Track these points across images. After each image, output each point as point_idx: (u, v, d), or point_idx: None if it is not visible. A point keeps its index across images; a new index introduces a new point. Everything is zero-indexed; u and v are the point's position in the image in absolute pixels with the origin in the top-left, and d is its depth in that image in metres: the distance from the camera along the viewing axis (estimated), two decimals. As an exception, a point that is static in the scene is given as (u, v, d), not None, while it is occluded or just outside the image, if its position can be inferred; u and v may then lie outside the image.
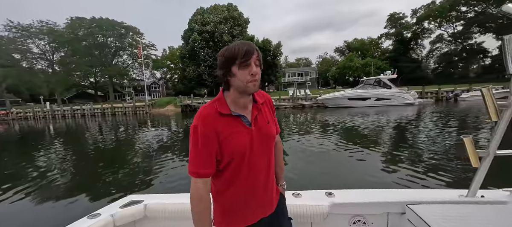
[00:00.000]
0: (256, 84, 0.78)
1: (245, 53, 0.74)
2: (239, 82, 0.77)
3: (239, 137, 0.80)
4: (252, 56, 0.75)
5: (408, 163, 4.40)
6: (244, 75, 0.75)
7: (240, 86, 0.77)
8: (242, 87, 0.77)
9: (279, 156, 1.05)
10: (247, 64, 0.74)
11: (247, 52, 0.74)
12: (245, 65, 0.75)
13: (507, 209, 1.11)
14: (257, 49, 0.77)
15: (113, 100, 41.76)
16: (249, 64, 0.75)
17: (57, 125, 18.68)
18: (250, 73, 0.75)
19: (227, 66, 0.77)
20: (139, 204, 1.39)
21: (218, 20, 37.61)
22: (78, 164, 5.89)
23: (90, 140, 9.90)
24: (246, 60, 0.74)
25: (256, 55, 0.76)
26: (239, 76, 0.76)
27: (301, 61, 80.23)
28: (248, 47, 0.75)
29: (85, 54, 40.81)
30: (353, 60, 47.66)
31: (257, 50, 0.77)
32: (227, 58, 0.76)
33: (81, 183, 4.45)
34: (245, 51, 0.74)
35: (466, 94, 21.12)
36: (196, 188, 0.78)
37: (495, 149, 1.09)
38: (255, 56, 0.76)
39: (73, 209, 3.26)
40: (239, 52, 0.74)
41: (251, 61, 0.75)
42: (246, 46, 0.75)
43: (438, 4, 41.90)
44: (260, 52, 0.79)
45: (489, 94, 1.02)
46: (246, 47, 0.74)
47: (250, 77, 0.75)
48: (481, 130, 7.59)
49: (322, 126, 10.20)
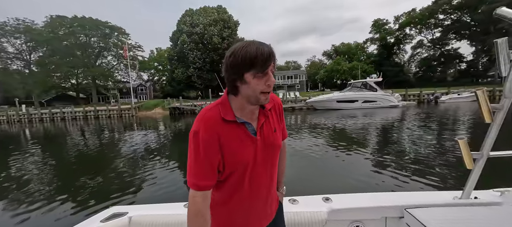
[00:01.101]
0: (269, 96, 0.67)
1: (266, 59, 0.61)
2: (251, 92, 0.65)
3: (243, 147, 0.71)
4: (272, 63, 0.62)
5: (399, 165, 4.51)
6: (259, 85, 0.63)
7: (251, 96, 0.66)
8: (253, 97, 0.66)
9: (282, 160, 0.96)
10: (265, 72, 0.62)
11: (268, 58, 0.61)
12: (263, 73, 0.62)
13: (501, 210, 1.13)
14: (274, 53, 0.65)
15: (97, 102, 39.93)
16: (267, 72, 0.63)
17: (34, 130, 17.48)
18: (267, 83, 0.63)
19: (239, 71, 0.64)
20: (123, 216, 1.27)
21: (207, 22, 37.34)
22: (55, 172, 5.49)
23: (69, 146, 9.33)
24: (266, 69, 0.61)
25: (274, 62, 0.64)
26: (252, 85, 0.64)
27: (291, 64, 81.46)
28: (268, 53, 0.61)
29: (66, 54, 38.74)
30: (341, 63, 49.15)
31: (274, 55, 0.65)
32: (242, 60, 0.61)
33: (57, 194, 4.07)
34: (266, 56, 0.61)
35: (446, 96, 22.42)
36: (195, 203, 0.68)
37: (489, 151, 1.10)
38: (273, 63, 0.64)
39: (47, 224, 2.98)
40: (258, 57, 0.60)
41: (268, 69, 0.62)
42: (267, 49, 0.62)
43: (418, 12, 44.43)
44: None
45: (484, 96, 1.03)
46: (267, 50, 0.61)
47: (265, 87, 0.64)
48: (463, 129, 8.03)
49: (313, 128, 10.32)
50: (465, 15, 38.79)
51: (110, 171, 5.32)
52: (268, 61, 0.62)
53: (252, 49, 0.61)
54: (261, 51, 0.61)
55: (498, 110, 1.06)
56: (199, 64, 37.43)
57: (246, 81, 0.64)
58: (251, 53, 0.61)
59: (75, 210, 3.28)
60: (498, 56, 0.99)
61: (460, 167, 3.86)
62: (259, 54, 0.61)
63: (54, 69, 38.83)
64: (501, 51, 0.98)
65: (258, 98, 0.67)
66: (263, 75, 0.63)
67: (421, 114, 14.02)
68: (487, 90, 21.10)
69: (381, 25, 50.85)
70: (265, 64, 0.62)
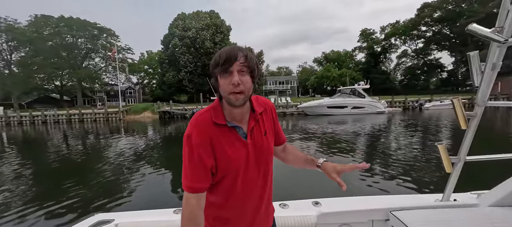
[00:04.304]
0: (240, 97, 0.67)
1: (225, 59, 0.64)
2: (222, 92, 0.69)
3: (234, 150, 0.72)
4: (235, 62, 0.65)
5: (386, 169, 4.66)
6: (225, 85, 0.66)
7: (225, 97, 0.69)
8: (226, 98, 0.69)
9: (295, 151, 1.00)
10: (227, 71, 0.65)
11: (228, 58, 0.64)
12: (226, 72, 0.65)
13: (478, 211, 1.20)
14: (246, 55, 0.67)
15: (82, 105, 38.34)
16: (230, 71, 0.65)
17: (12, 133, 16.49)
18: (231, 82, 0.65)
19: (213, 74, 0.69)
20: (108, 224, 1.22)
21: (200, 26, 37.30)
22: (35, 178, 5.19)
23: (50, 150, 8.87)
24: (227, 68, 0.65)
25: (242, 61, 0.66)
26: (221, 85, 0.67)
27: (282, 70, 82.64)
28: (230, 52, 0.65)
29: (51, 54, 37.08)
30: (330, 70, 50.52)
31: (245, 55, 0.67)
32: (212, 64, 0.68)
33: (38, 201, 3.82)
34: (224, 57, 0.64)
35: (429, 104, 23.52)
36: (189, 205, 0.69)
37: (465, 155, 1.18)
38: (239, 62, 0.65)
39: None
40: (221, 56, 0.65)
41: (232, 69, 0.65)
42: (228, 51, 0.66)
43: (401, 24, 46.86)
44: (253, 58, 0.69)
45: (459, 104, 1.10)
46: (227, 52, 0.65)
47: (231, 87, 0.65)
48: (445, 134, 8.43)
49: (304, 133, 10.45)
50: (445, 27, 41.35)
51: (93, 177, 5.09)
52: (228, 60, 0.64)
53: (220, 51, 0.67)
54: (225, 51, 0.66)
55: (472, 117, 1.13)
56: (191, 68, 37.10)
57: (218, 82, 0.69)
58: (217, 55, 0.67)
59: (56, 220, 3.10)
60: (471, 68, 1.07)
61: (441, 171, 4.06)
62: (222, 54, 0.65)
63: (37, 70, 37.00)
64: (473, 63, 1.06)
65: (229, 98, 0.68)
66: (228, 75, 0.66)
67: (406, 120, 14.60)
68: (466, 98, 22.34)
69: (369, 35, 53.04)
70: (226, 63, 0.64)
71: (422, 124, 12.21)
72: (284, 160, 1.01)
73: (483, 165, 1.32)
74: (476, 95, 1.11)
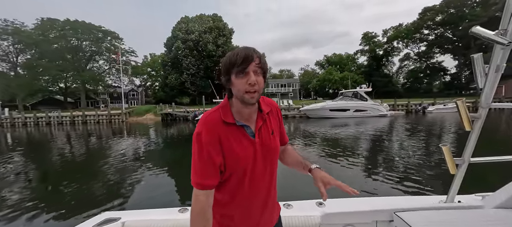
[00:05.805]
0: (255, 96, 0.71)
1: (243, 60, 0.68)
2: (237, 92, 0.72)
3: (242, 148, 0.75)
4: (251, 63, 0.68)
5: (389, 171, 4.63)
6: (241, 84, 0.70)
7: (238, 96, 0.72)
8: (240, 97, 0.72)
9: (294, 153, 1.01)
10: (244, 72, 0.69)
11: (245, 59, 0.68)
12: (242, 73, 0.69)
13: (482, 213, 1.20)
14: (260, 56, 0.71)
15: (85, 107, 38.68)
16: (246, 72, 0.69)
17: (16, 134, 16.69)
18: (248, 82, 0.69)
19: (227, 73, 0.72)
20: (115, 222, 1.25)
21: (203, 29, 37.62)
22: (42, 177, 5.27)
23: (55, 151, 8.96)
24: (244, 68, 0.68)
25: (257, 62, 0.70)
26: (236, 85, 0.70)
27: (284, 72, 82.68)
28: (247, 53, 0.69)
29: (56, 57, 37.63)
30: (332, 73, 50.37)
31: (259, 57, 0.71)
32: (226, 64, 0.71)
33: (47, 199, 3.89)
34: (242, 57, 0.68)
35: (432, 107, 23.29)
36: (198, 201, 0.71)
37: (470, 157, 1.18)
38: (255, 63, 0.69)
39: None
40: (237, 57, 0.68)
41: (248, 69, 0.69)
42: (245, 51, 0.69)
43: (404, 27, 46.75)
44: (265, 60, 0.73)
45: (463, 106, 1.11)
46: (244, 52, 0.69)
47: (247, 86, 0.69)
48: (449, 137, 8.34)
49: (307, 136, 10.43)
50: (447, 31, 41.15)
51: (100, 177, 5.15)
52: (245, 61, 0.68)
53: (235, 52, 0.70)
54: (240, 52, 0.69)
55: (477, 119, 1.14)
56: (193, 70, 37.35)
57: (232, 82, 0.72)
58: (232, 55, 0.70)
59: (65, 217, 3.14)
60: (475, 70, 1.08)
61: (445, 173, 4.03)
62: (238, 55, 0.69)
63: (42, 72, 37.55)
64: (477, 65, 1.07)
65: (243, 97, 0.71)
66: (244, 75, 0.69)
67: (410, 123, 14.49)
68: (470, 101, 22.02)
69: (371, 38, 52.95)
70: (243, 64, 0.68)
71: (426, 127, 12.11)
72: (282, 160, 1.03)
73: (487, 167, 1.32)
74: (480, 97, 1.11)
